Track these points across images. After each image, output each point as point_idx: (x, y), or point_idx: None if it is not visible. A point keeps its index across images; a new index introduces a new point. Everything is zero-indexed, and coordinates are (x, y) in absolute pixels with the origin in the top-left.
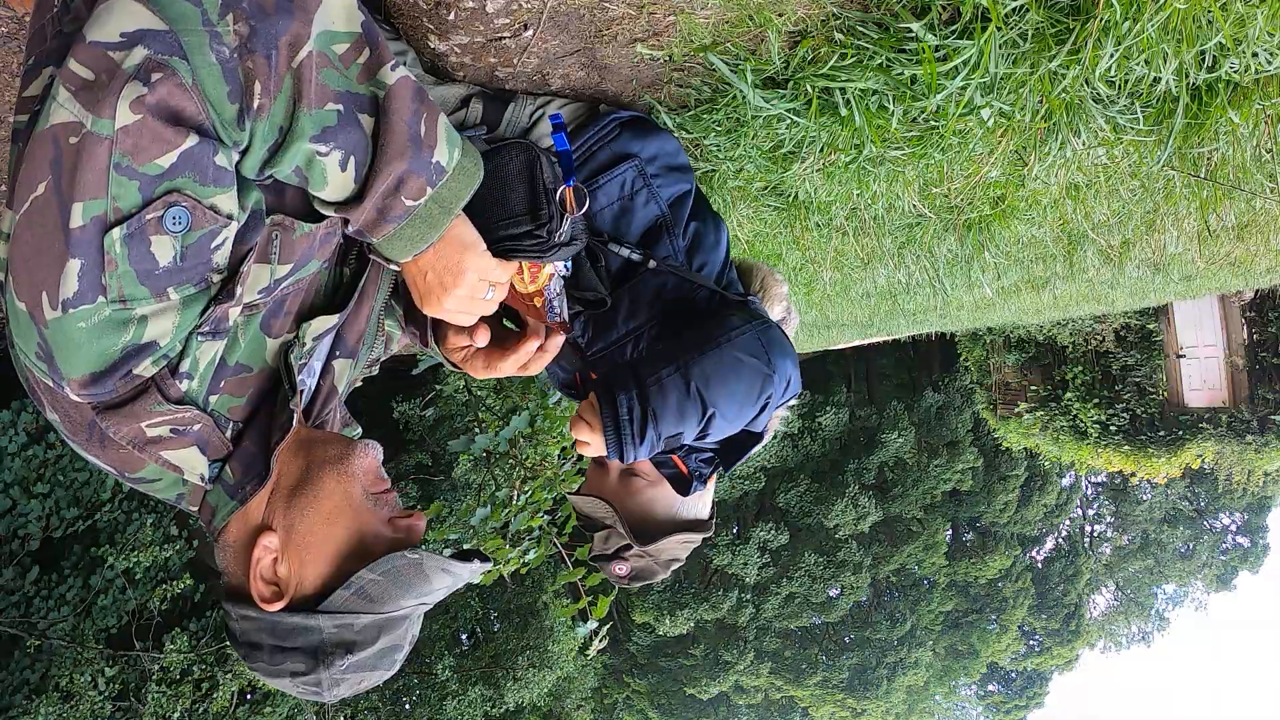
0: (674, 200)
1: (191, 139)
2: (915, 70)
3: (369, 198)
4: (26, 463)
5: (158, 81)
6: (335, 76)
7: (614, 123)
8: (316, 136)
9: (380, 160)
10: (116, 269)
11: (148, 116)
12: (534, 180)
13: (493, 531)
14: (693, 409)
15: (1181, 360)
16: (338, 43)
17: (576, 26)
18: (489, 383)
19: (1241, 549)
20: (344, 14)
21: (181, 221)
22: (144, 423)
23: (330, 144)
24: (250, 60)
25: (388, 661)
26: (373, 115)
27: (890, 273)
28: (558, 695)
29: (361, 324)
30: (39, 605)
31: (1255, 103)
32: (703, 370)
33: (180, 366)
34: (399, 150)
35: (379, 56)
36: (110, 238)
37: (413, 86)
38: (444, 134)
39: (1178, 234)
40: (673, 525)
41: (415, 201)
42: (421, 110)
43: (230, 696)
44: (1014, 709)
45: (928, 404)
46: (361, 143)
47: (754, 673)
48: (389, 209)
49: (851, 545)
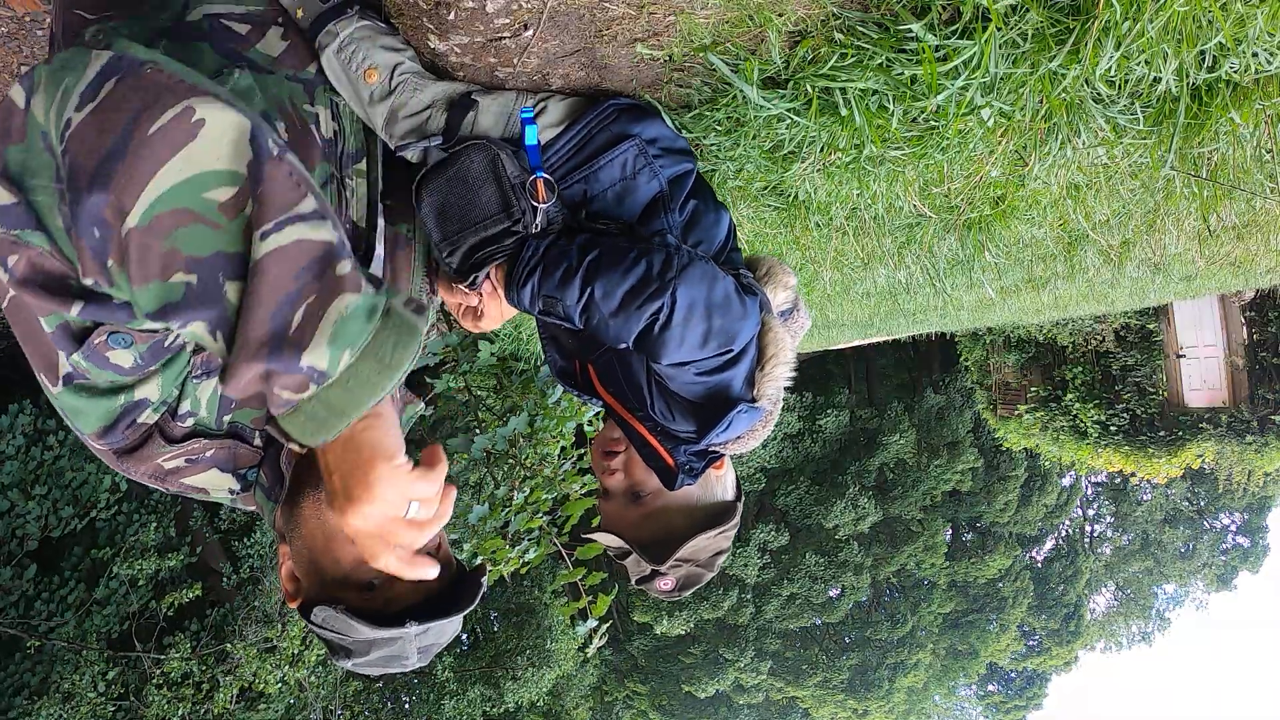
0: (674, 178)
1: (77, 304)
2: (915, 70)
3: (235, 381)
4: (24, 464)
5: (15, 263)
6: (202, 236)
7: (612, 108)
8: (154, 314)
9: (239, 347)
10: (90, 374)
11: (23, 293)
12: (499, 177)
13: (492, 531)
14: (575, 282)
15: (1181, 360)
16: (214, 189)
17: (576, 26)
18: (489, 382)
19: (1241, 549)
20: (229, 148)
21: (126, 342)
22: (158, 460)
23: (175, 320)
24: (74, 239)
25: (396, 664)
26: (243, 281)
27: (890, 273)
28: (557, 694)
29: None
30: (40, 608)
31: (1255, 103)
32: (599, 255)
33: (180, 409)
34: (255, 347)
35: (262, 212)
36: (74, 359)
37: (305, 257)
38: (329, 333)
39: (1178, 234)
40: (695, 528)
41: (295, 395)
42: (303, 296)
43: (230, 698)
44: (1013, 709)
45: (928, 404)
46: (224, 319)
47: (754, 671)
48: (268, 399)
49: (852, 546)
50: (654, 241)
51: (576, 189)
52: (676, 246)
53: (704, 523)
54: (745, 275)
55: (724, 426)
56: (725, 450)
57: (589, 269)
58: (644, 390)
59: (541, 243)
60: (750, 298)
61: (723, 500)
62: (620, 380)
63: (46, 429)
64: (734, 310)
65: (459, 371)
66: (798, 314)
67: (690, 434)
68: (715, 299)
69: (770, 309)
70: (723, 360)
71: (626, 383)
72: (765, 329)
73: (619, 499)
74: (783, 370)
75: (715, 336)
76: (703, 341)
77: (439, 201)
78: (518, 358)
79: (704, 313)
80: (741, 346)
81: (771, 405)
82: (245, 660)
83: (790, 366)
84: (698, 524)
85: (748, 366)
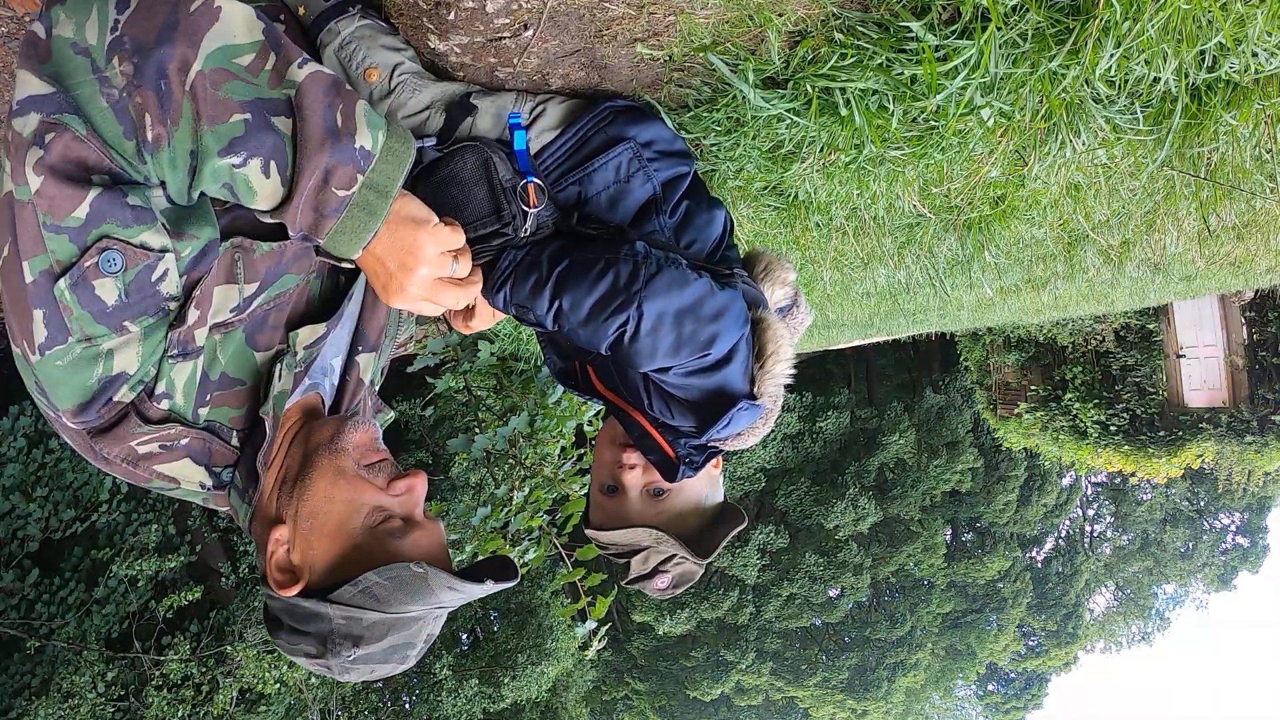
0: (668, 181)
1: (94, 190)
2: (915, 70)
3: (298, 196)
4: (25, 466)
5: (51, 141)
6: (242, 87)
7: (608, 110)
8: (224, 150)
9: (302, 158)
10: (72, 314)
11: (48, 177)
12: (491, 180)
13: (492, 531)
14: (545, 293)
15: (1181, 360)
16: (241, 55)
17: (576, 26)
18: (489, 382)
19: (1241, 549)
20: (243, 25)
21: (116, 263)
22: (132, 442)
23: (242, 154)
24: (139, 95)
25: (399, 656)
26: (289, 117)
27: (890, 273)
28: (556, 693)
29: (382, 318)
30: (41, 610)
31: (1255, 103)
32: (567, 267)
33: (156, 389)
34: (317, 144)
35: (285, 58)
36: (59, 288)
37: (325, 80)
38: (363, 119)
39: (1178, 234)
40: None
41: (347, 191)
42: (337, 100)
43: (230, 699)
44: (1013, 709)
45: (928, 404)
46: (280, 146)
47: (755, 672)
48: (323, 204)
49: (851, 546)
50: (621, 251)
51: (571, 191)
52: (645, 254)
53: (723, 519)
54: (738, 272)
55: (724, 423)
56: (725, 446)
57: (557, 281)
58: (640, 391)
59: (518, 253)
60: (728, 290)
61: (722, 501)
62: (616, 380)
63: (48, 432)
64: (705, 311)
65: (459, 371)
66: (797, 310)
67: (691, 429)
68: (685, 304)
69: (767, 305)
70: (706, 363)
71: (622, 382)
72: (763, 326)
73: (637, 495)
74: (782, 367)
75: (687, 343)
76: (674, 350)
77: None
78: (518, 358)
79: (673, 321)
80: (725, 349)
81: (772, 402)
82: (245, 662)
83: (790, 363)
84: (717, 520)
85: (742, 365)
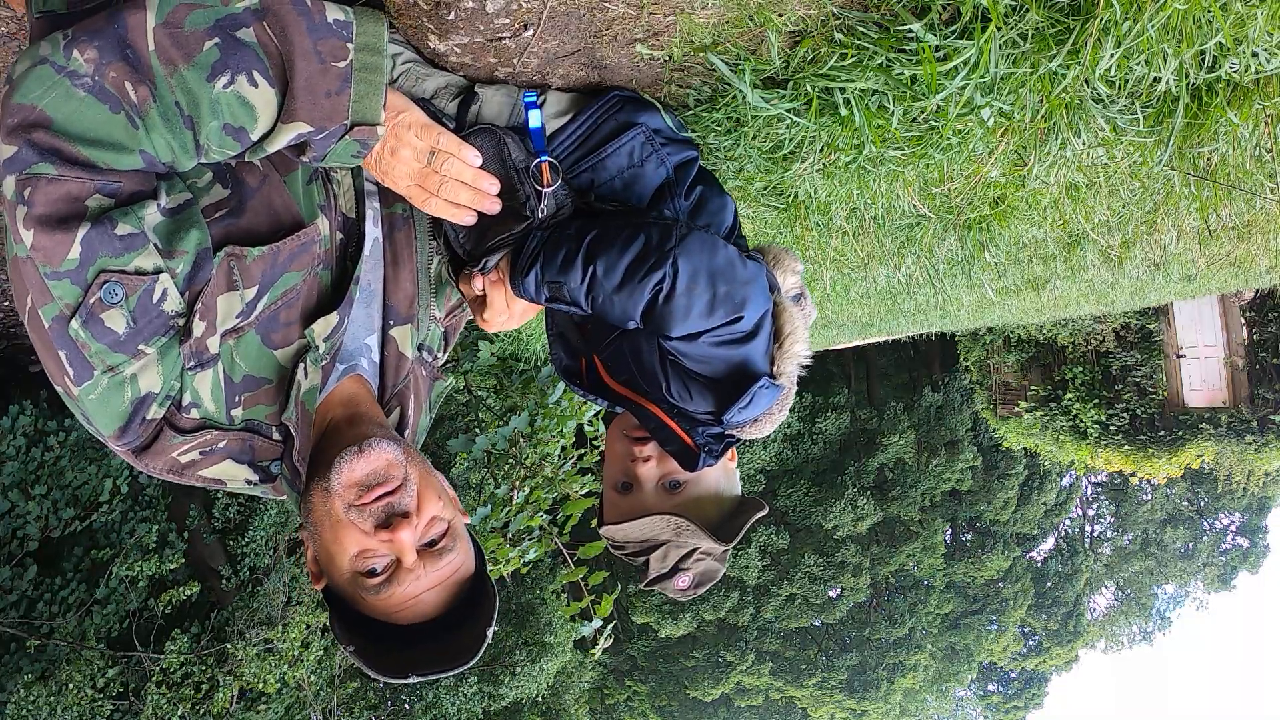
0: (680, 164)
1: (82, 228)
2: (915, 70)
3: (302, 93)
4: (25, 465)
5: (31, 194)
6: (201, 15)
7: (616, 98)
8: (210, 77)
9: (285, 48)
10: (90, 349)
11: (37, 230)
12: (505, 161)
13: (493, 531)
14: (577, 262)
15: (1181, 360)
16: None
17: (576, 26)
18: (489, 382)
19: (1241, 549)
20: None
21: (117, 294)
22: (174, 454)
23: (227, 73)
24: (112, 70)
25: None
26: (249, 26)
27: (890, 273)
28: (557, 692)
29: (408, 288)
30: (42, 609)
31: (1255, 103)
32: (597, 234)
33: (183, 400)
34: (295, 29)
35: None
36: (72, 328)
37: None
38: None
39: (1178, 234)
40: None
41: (344, 62)
42: None
43: (230, 698)
44: (1013, 709)
45: (928, 404)
46: (254, 54)
47: (755, 672)
48: (330, 83)
49: (851, 546)
50: (650, 217)
51: (584, 178)
52: (675, 219)
53: (743, 509)
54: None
55: (745, 402)
56: (742, 434)
57: (589, 248)
58: (658, 374)
59: (544, 232)
60: (754, 262)
61: (739, 494)
62: (631, 368)
63: (47, 430)
64: (738, 275)
65: (459, 371)
66: (805, 301)
67: (708, 415)
68: (718, 265)
69: (780, 290)
70: (736, 333)
71: (638, 369)
72: (780, 309)
73: (652, 488)
74: (800, 348)
75: (722, 303)
76: (709, 309)
77: None
78: (518, 358)
79: (708, 279)
80: (755, 317)
81: (790, 385)
82: (245, 660)
83: (807, 345)
84: (735, 512)
85: (765, 343)
